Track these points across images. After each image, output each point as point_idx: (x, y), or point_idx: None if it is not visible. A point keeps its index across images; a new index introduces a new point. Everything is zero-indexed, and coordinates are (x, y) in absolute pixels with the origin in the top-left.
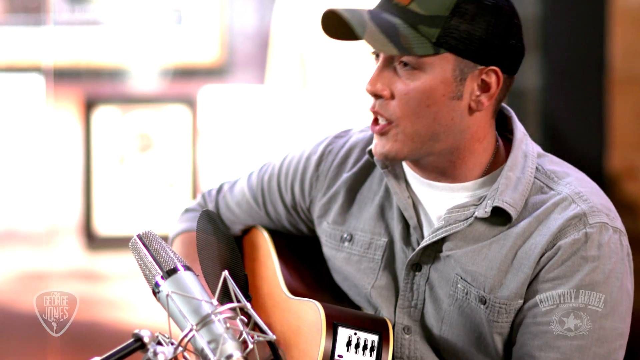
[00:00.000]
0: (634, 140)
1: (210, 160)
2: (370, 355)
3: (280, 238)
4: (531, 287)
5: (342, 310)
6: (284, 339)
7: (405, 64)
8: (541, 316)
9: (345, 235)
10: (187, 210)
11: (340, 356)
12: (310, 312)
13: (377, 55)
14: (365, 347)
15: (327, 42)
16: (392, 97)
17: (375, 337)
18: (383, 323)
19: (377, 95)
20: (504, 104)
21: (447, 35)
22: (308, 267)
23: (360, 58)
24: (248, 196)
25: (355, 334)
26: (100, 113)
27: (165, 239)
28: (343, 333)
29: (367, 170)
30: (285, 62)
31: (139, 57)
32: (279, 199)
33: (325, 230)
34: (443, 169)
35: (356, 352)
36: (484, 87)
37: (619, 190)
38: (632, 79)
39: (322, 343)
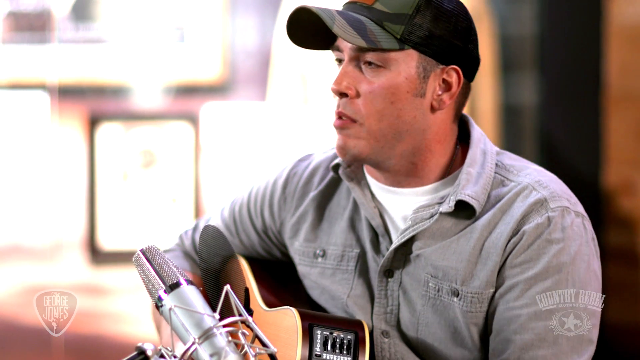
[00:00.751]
0: (629, 156)
1: (213, 175)
2: (348, 354)
3: (257, 263)
4: (500, 274)
5: (317, 313)
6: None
7: (370, 63)
8: (513, 301)
9: (318, 252)
10: (165, 251)
11: (318, 355)
12: (287, 318)
13: (340, 62)
14: (342, 346)
15: (327, 60)
16: (357, 95)
17: (352, 336)
18: (358, 323)
19: (342, 94)
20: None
21: (411, 32)
22: (284, 287)
23: None
24: (222, 228)
25: (331, 333)
26: (104, 130)
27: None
28: (319, 333)
29: (333, 187)
30: (286, 80)
31: (142, 74)
32: (251, 225)
33: (297, 249)
34: (405, 172)
35: (333, 351)
36: (446, 86)
37: (615, 205)
38: (628, 96)
39: (299, 344)
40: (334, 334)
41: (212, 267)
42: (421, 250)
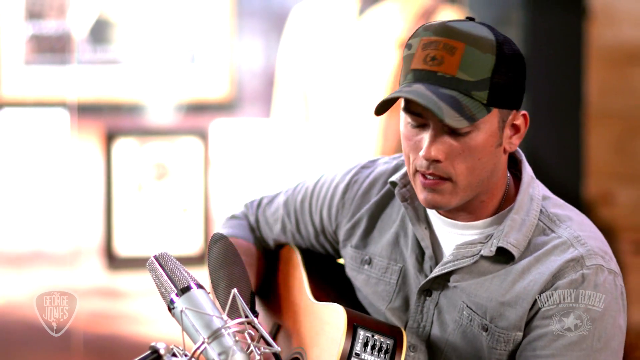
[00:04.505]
0: (608, 169)
1: (221, 187)
2: (385, 358)
3: (311, 257)
4: (531, 323)
5: (362, 315)
6: (307, 338)
7: (461, 133)
8: (540, 350)
9: (365, 258)
10: (233, 217)
11: (357, 354)
12: (334, 314)
13: (421, 126)
14: (380, 350)
15: (328, 80)
16: (447, 158)
17: (391, 342)
18: (398, 330)
19: (433, 161)
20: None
21: (494, 94)
22: (333, 283)
23: (358, 94)
24: (283, 214)
25: (372, 336)
26: (120, 144)
27: (179, 259)
28: (362, 334)
29: (388, 198)
30: (289, 98)
31: (155, 93)
32: (309, 220)
33: (348, 252)
34: (470, 209)
35: (372, 353)
36: (515, 129)
37: (595, 215)
38: (607, 113)
39: (342, 341)
40: (375, 337)
41: (220, 273)
42: (458, 283)
